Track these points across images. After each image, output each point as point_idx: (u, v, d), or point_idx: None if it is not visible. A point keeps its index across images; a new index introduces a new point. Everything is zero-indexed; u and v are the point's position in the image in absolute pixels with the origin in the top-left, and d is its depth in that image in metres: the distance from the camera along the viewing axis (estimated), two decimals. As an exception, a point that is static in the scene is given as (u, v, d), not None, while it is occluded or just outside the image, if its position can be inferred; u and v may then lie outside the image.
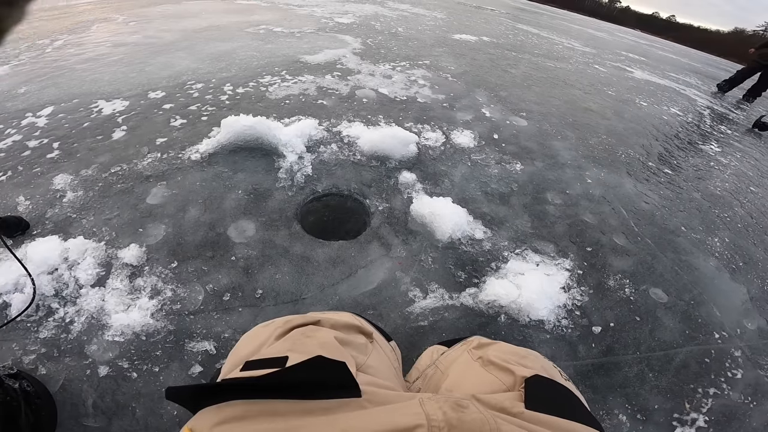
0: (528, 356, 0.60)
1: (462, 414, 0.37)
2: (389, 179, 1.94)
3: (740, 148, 3.57)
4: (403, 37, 4.71)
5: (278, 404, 0.37)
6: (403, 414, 0.37)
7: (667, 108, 4.18)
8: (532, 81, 3.83)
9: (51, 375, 1.06)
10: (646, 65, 6.97)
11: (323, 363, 0.41)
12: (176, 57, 3.21)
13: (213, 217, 1.58)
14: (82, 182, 1.69)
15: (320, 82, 2.91)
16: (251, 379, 0.40)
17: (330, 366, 0.41)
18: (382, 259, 1.53)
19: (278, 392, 0.38)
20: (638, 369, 1.33)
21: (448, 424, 0.36)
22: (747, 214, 2.37)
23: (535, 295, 1.38)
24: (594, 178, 2.29)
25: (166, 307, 1.25)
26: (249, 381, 0.40)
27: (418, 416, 0.36)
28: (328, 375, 0.40)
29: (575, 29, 9.82)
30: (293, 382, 0.39)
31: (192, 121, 2.21)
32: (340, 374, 0.40)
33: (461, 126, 2.55)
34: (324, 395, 0.38)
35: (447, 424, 0.36)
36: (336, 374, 0.40)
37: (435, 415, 0.37)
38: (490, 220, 1.80)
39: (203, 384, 0.39)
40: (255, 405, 0.37)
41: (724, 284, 1.77)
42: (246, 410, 0.37)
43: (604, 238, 1.83)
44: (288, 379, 0.39)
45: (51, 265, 1.29)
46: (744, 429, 1.26)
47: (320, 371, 0.40)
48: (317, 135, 2.17)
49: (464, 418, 0.37)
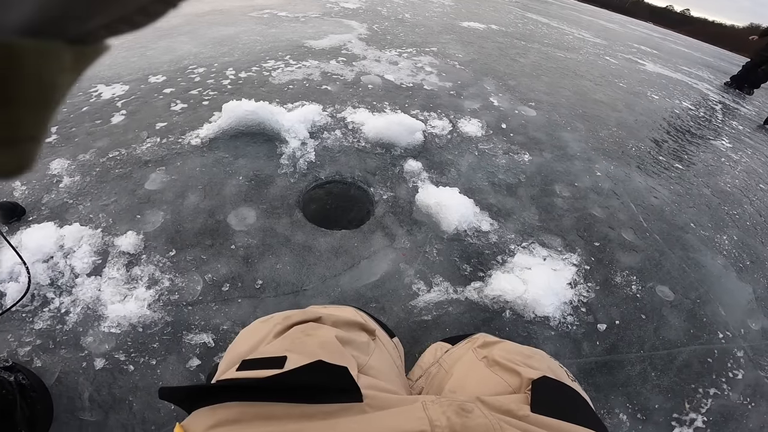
0: (534, 356, 0.59)
1: (466, 419, 0.36)
2: (394, 167, 1.90)
3: (751, 144, 3.50)
4: (410, 23, 4.60)
5: (275, 407, 0.36)
6: (406, 419, 0.36)
7: (679, 102, 4.09)
8: (541, 71, 3.74)
9: (46, 367, 1.04)
10: (659, 58, 6.81)
11: (324, 367, 0.39)
12: (178, 41, 3.14)
13: (213, 204, 1.55)
14: (79, 167, 1.66)
15: (325, 67, 2.84)
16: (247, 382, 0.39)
17: (331, 371, 0.39)
18: (386, 250, 1.50)
19: (276, 394, 0.37)
20: (641, 368, 1.32)
21: (452, 429, 0.35)
22: (756, 212, 2.33)
23: (542, 290, 1.35)
24: (603, 171, 2.24)
25: (164, 298, 1.22)
26: (245, 383, 0.38)
27: (421, 421, 0.36)
28: (329, 380, 0.38)
29: (586, 20, 9.59)
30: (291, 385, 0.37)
31: (193, 106, 2.16)
32: (341, 379, 0.39)
33: (468, 114, 2.49)
34: (324, 399, 0.37)
35: (451, 429, 0.35)
36: (337, 379, 0.38)
37: (438, 421, 0.36)
38: (497, 211, 1.76)
39: (198, 385, 0.39)
40: (251, 408, 0.36)
41: (730, 283, 1.74)
42: (241, 413, 0.36)
43: (613, 233, 1.79)
44: (287, 382, 0.37)
45: (46, 253, 1.26)
46: (741, 430, 1.25)
47: (321, 376, 0.38)
48: (321, 121, 2.12)
49: (468, 424, 0.36)
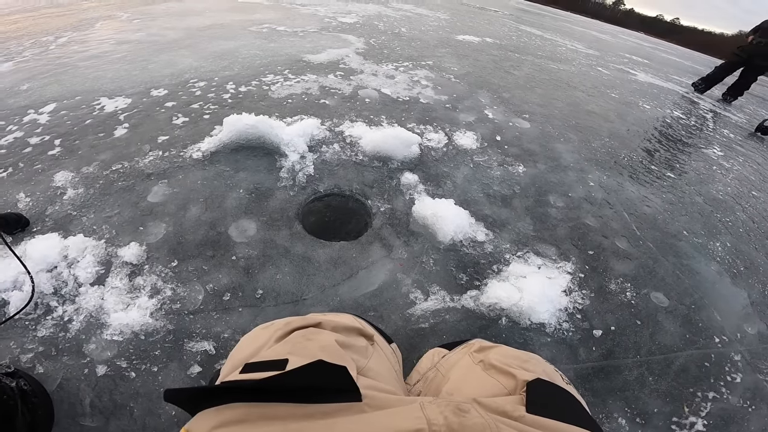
0: (530, 360, 0.60)
1: (463, 418, 0.37)
2: (391, 180, 1.94)
3: (743, 152, 3.55)
4: (406, 37, 4.70)
5: (278, 408, 0.37)
6: (404, 418, 0.37)
7: (671, 111, 4.16)
8: (535, 83, 3.82)
9: (48, 374, 1.06)
10: (650, 68, 6.94)
11: (324, 367, 0.40)
12: (179, 55, 3.21)
13: (214, 216, 1.58)
14: (82, 179, 1.69)
15: (323, 81, 2.90)
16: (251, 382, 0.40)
17: (331, 370, 0.41)
18: (384, 261, 1.52)
19: (278, 395, 0.38)
20: (638, 373, 1.33)
21: (449, 428, 0.35)
22: (749, 219, 2.36)
23: (537, 298, 1.37)
24: (596, 181, 2.29)
25: (166, 307, 1.24)
26: (249, 384, 0.39)
27: (418, 420, 0.36)
28: (329, 379, 0.39)
29: (578, 31, 9.80)
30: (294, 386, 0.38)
31: (194, 120, 2.20)
32: (340, 378, 0.40)
33: (464, 127, 2.54)
34: (324, 399, 0.38)
35: (448, 428, 0.35)
36: (337, 378, 0.40)
37: (436, 420, 0.36)
38: (492, 222, 1.79)
39: (202, 386, 0.39)
40: (255, 408, 0.37)
41: (725, 289, 1.76)
42: (246, 413, 0.37)
43: (606, 242, 1.82)
44: (289, 382, 0.39)
45: (50, 263, 1.28)
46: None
47: (321, 375, 0.40)
48: (319, 135, 2.17)
49: (465, 423, 0.36)
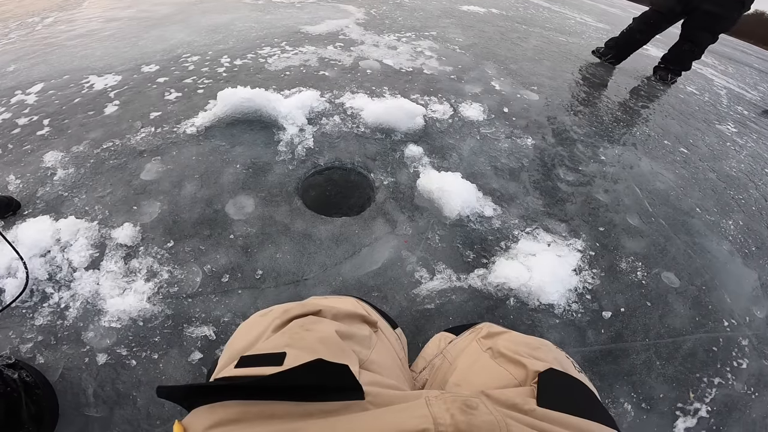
0: (541, 347, 0.58)
1: (471, 416, 0.35)
2: (395, 152, 1.86)
3: (756, 129, 3.44)
4: (408, 7, 4.48)
5: (276, 406, 0.35)
6: (409, 416, 0.35)
7: (683, 87, 4.01)
8: (543, 55, 3.66)
9: (49, 364, 1.04)
10: (661, 42, 6.62)
11: (324, 366, 0.38)
12: (171, 30, 3.07)
13: (210, 193, 1.52)
14: (73, 159, 1.63)
15: (322, 53, 2.77)
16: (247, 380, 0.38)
17: (331, 369, 0.38)
18: (387, 237, 1.47)
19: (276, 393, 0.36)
20: (646, 356, 1.30)
21: (457, 428, 0.34)
22: (762, 197, 2.30)
23: (547, 277, 1.33)
24: (607, 155, 2.20)
25: (163, 290, 1.21)
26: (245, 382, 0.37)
27: (424, 419, 0.34)
28: (330, 379, 0.37)
29: (587, 4, 9.36)
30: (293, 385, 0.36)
31: (187, 95, 2.11)
32: (342, 377, 0.37)
33: (470, 99, 2.43)
34: (325, 397, 0.36)
35: (455, 428, 0.34)
36: (338, 378, 0.37)
37: (442, 418, 0.34)
38: (500, 196, 1.73)
39: (196, 384, 0.38)
40: (252, 407, 0.35)
41: (736, 269, 1.71)
42: (242, 412, 0.35)
43: (618, 218, 1.76)
44: (287, 382, 0.36)
45: (43, 248, 1.24)
46: (744, 419, 1.24)
47: (321, 375, 0.37)
48: (319, 107, 2.08)
49: (473, 422, 0.35)
